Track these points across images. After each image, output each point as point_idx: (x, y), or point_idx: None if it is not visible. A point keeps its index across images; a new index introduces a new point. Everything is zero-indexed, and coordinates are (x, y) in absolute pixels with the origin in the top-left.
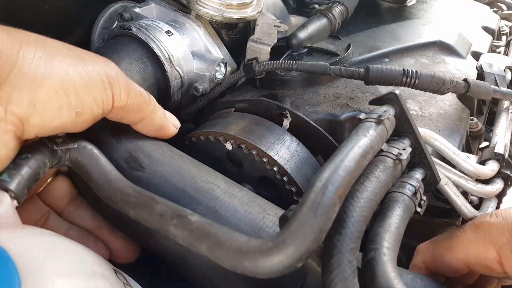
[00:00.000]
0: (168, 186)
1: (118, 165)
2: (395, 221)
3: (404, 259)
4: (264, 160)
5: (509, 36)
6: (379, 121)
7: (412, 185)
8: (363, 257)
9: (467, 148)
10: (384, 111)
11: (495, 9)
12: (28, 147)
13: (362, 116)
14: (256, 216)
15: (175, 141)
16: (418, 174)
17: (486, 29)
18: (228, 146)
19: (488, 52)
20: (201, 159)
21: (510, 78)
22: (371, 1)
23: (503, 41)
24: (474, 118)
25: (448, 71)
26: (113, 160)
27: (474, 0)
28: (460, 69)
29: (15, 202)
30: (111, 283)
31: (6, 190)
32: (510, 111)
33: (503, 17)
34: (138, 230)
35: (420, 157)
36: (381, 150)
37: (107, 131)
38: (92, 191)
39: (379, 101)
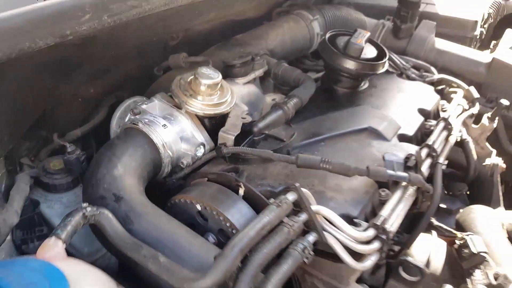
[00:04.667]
0: (149, 236)
1: (119, 221)
2: (284, 267)
3: None
4: (221, 218)
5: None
6: (278, 206)
7: (303, 244)
8: None
9: (371, 213)
10: (284, 198)
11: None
12: (70, 214)
13: (270, 201)
14: (204, 256)
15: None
16: (311, 237)
17: (421, 111)
18: (198, 207)
19: (417, 131)
20: (179, 214)
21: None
22: (328, 88)
23: (434, 121)
24: (386, 190)
25: (370, 153)
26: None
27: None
28: (381, 151)
29: (64, 245)
30: None
31: (60, 238)
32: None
33: None
34: (131, 263)
35: (314, 226)
36: (282, 222)
37: (113, 199)
38: (105, 239)
39: (288, 189)
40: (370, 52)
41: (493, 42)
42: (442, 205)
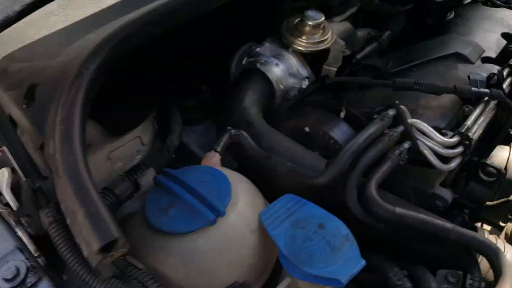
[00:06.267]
0: (273, 150)
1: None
2: (385, 167)
3: None
4: (326, 136)
5: None
6: (381, 119)
7: (400, 150)
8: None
9: (456, 126)
10: (386, 113)
11: None
12: (221, 134)
13: (375, 116)
14: (316, 164)
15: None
16: (406, 145)
17: (505, 35)
18: (307, 129)
19: (500, 54)
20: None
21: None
22: (417, 21)
23: None
24: (469, 106)
25: (457, 74)
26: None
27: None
28: (466, 72)
29: (220, 156)
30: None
31: (217, 151)
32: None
33: None
34: (263, 171)
35: (409, 136)
36: (384, 133)
37: (245, 124)
38: (242, 154)
39: (388, 105)
40: None
41: None
42: None
